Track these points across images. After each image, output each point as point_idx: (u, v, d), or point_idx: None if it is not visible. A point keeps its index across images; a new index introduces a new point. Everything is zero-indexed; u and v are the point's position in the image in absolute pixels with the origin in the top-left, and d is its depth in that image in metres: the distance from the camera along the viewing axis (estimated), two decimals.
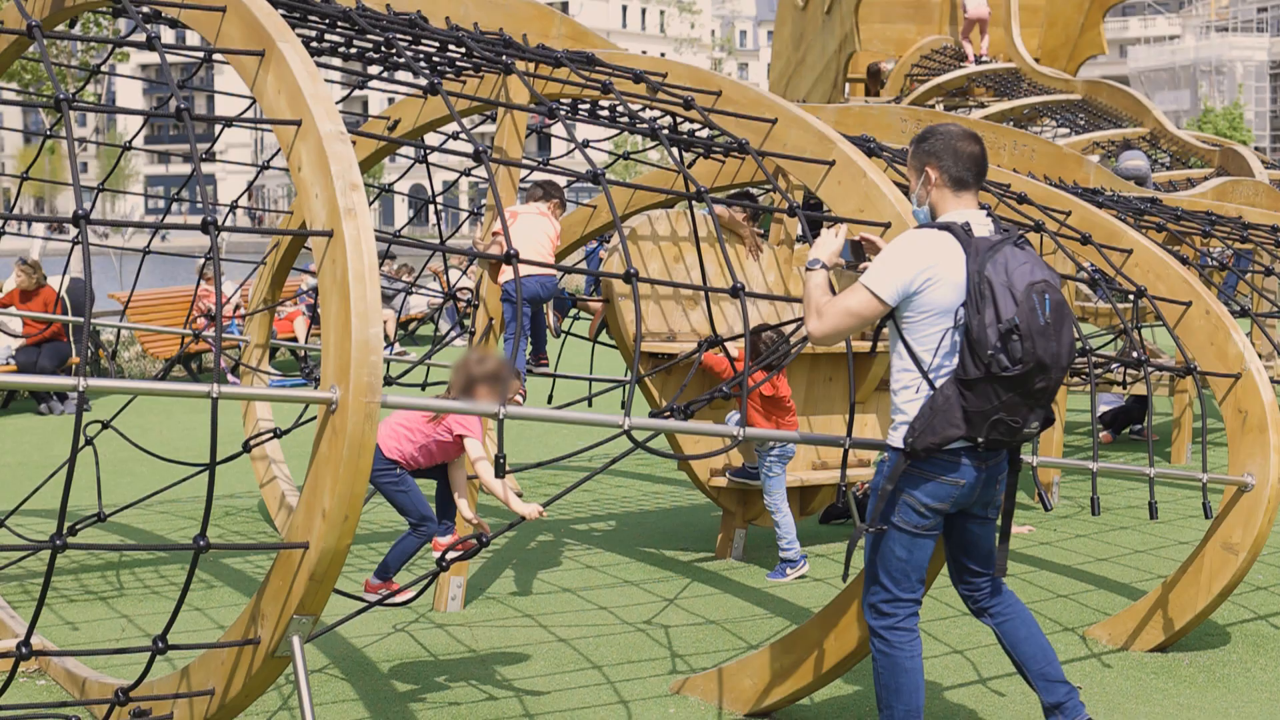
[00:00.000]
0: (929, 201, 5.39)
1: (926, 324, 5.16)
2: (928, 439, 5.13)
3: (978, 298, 5.03)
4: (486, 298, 8.07)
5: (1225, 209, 12.13)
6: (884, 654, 5.40)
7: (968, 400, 5.08)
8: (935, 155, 5.34)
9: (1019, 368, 5.00)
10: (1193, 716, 6.46)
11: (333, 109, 4.96)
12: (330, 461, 4.67)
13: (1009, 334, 4.99)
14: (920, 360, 5.19)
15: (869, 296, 5.16)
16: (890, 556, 5.34)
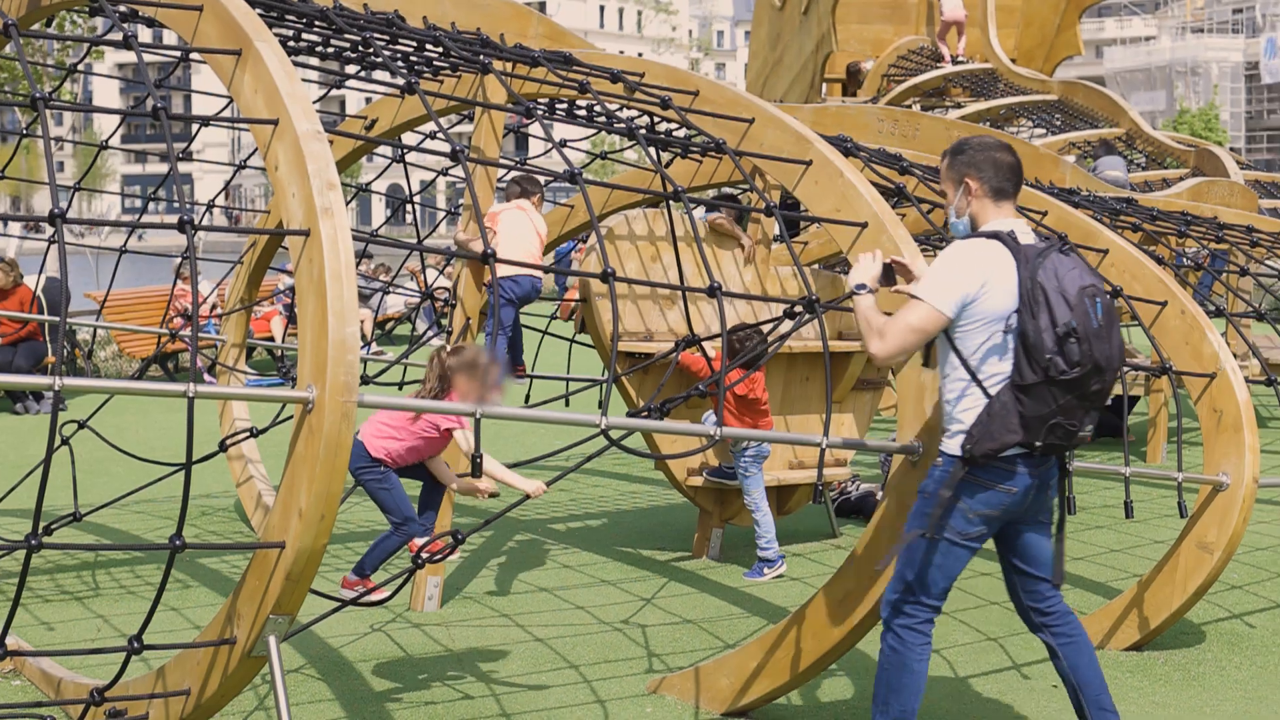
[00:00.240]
0: (969, 212, 5.41)
1: (978, 331, 5.19)
2: (986, 445, 5.15)
3: (1032, 303, 5.08)
4: (464, 297, 8.07)
5: (1200, 209, 12.19)
6: (895, 651, 5.41)
7: (1025, 405, 5.11)
8: (975, 166, 5.37)
9: (1076, 370, 5.06)
10: (1168, 715, 6.49)
11: (309, 108, 4.96)
12: (307, 461, 4.66)
13: (1066, 337, 5.04)
14: (973, 367, 5.21)
15: (930, 310, 5.17)
16: (926, 560, 5.35)
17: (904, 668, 5.40)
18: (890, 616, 5.44)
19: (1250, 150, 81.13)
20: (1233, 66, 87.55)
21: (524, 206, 8.36)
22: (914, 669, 5.41)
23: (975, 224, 5.41)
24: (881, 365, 5.42)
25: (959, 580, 8.83)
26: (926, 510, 5.33)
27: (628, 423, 5.92)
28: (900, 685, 5.40)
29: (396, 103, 8.91)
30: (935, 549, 5.33)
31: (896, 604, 5.43)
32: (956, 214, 5.46)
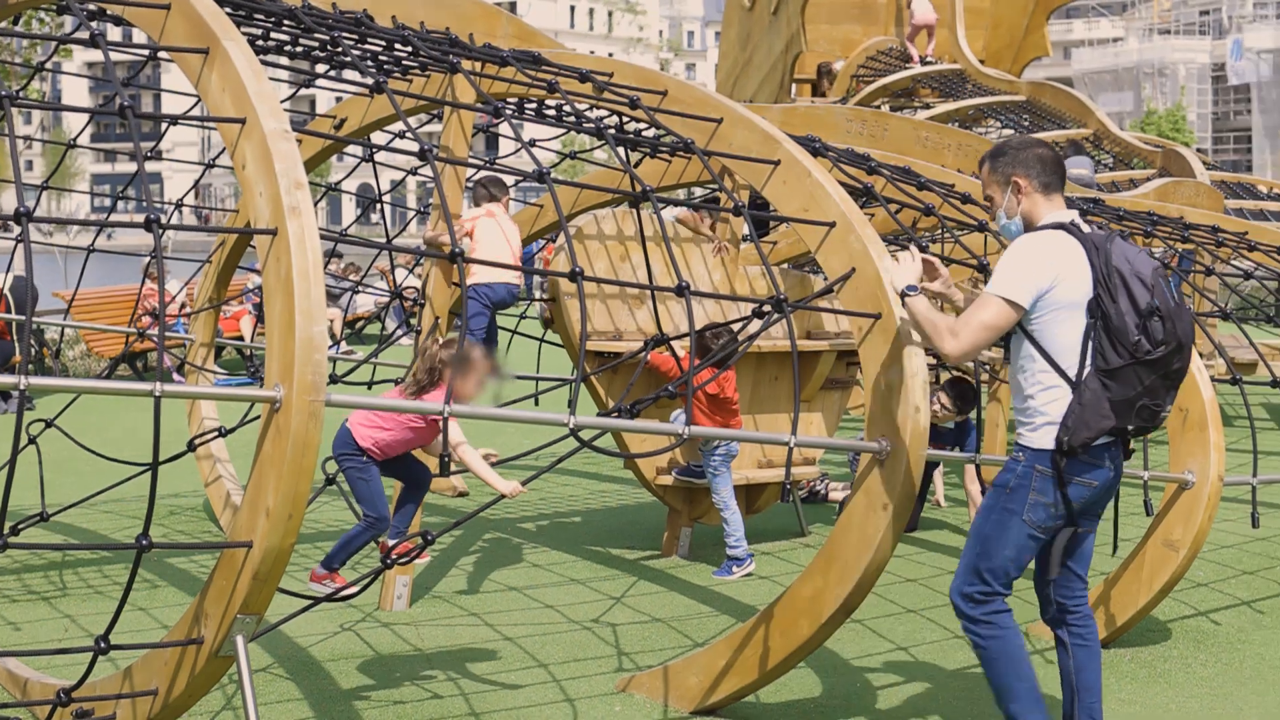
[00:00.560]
0: (1020, 211, 5.44)
1: (1055, 322, 5.22)
2: (1082, 434, 5.17)
3: (1110, 288, 5.14)
4: (433, 296, 8.07)
5: (1167, 209, 12.23)
6: (991, 638, 5.42)
7: (1112, 390, 5.15)
8: (1021, 164, 5.41)
9: (1162, 349, 5.12)
10: (1134, 712, 6.52)
11: (277, 107, 4.96)
12: (274, 460, 4.66)
13: (1150, 316, 5.11)
14: (1056, 358, 5.23)
15: (1003, 305, 5.20)
16: (1000, 553, 5.37)
17: (1006, 648, 5.41)
18: (969, 608, 5.44)
19: (1216, 151, 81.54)
20: (1199, 68, 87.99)
21: (494, 212, 8.38)
22: (1015, 642, 5.42)
23: (1030, 221, 5.43)
24: (956, 363, 5.39)
25: (926, 579, 8.93)
26: (1007, 505, 5.35)
27: (596, 422, 5.92)
28: (1016, 663, 5.42)
29: (365, 102, 8.91)
30: (1011, 542, 5.35)
31: (971, 595, 5.44)
32: (1007, 215, 5.48)
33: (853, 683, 6.90)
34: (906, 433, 5.84)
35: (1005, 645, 5.41)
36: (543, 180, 6.13)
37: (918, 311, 5.40)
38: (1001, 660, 5.43)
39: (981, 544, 5.42)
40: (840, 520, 6.05)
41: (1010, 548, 5.36)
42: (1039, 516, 5.32)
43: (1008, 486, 5.37)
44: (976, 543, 5.44)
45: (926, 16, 20.45)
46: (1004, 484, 5.39)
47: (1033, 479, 5.30)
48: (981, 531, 5.44)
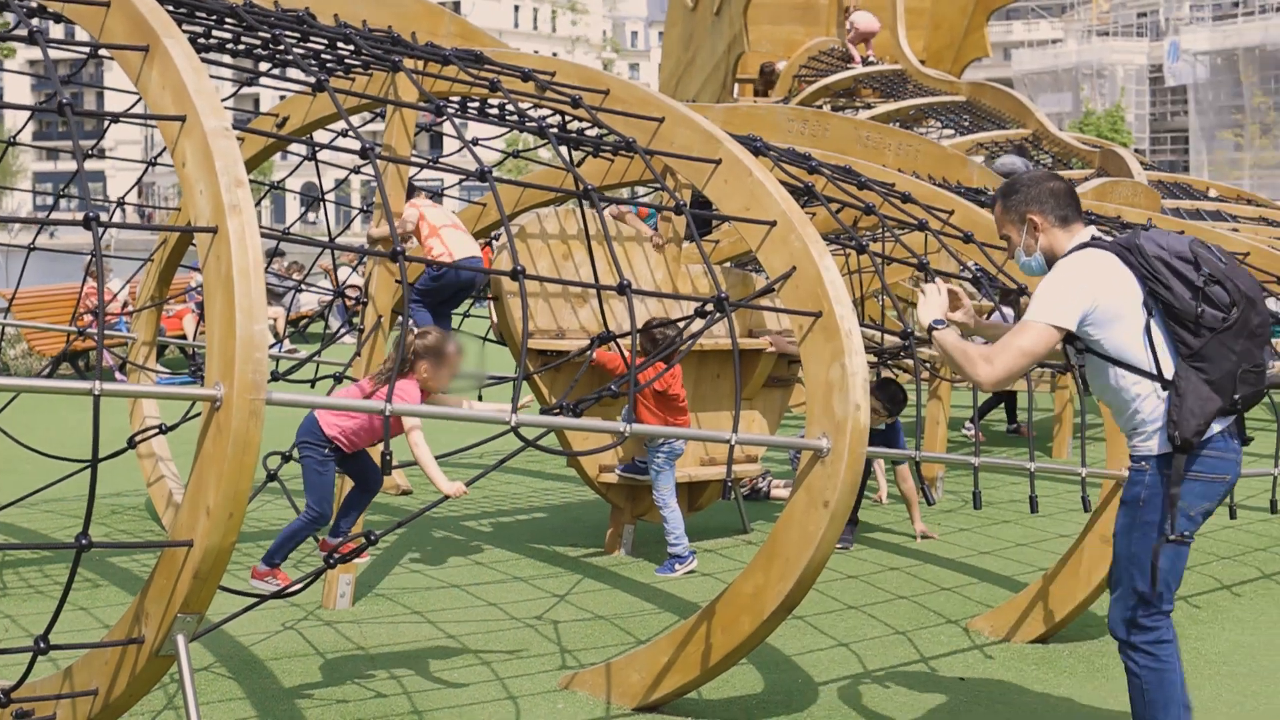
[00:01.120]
0: (1040, 248, 5.39)
1: (1118, 334, 5.15)
2: (1192, 424, 5.06)
3: (1158, 279, 5.08)
4: (375, 294, 8.06)
5: (1105, 209, 12.35)
6: (1151, 670, 5.24)
7: (1207, 370, 5.07)
8: (1035, 201, 5.37)
9: (1234, 311, 5.06)
10: (1073, 706, 6.59)
11: (217, 104, 4.95)
12: (215, 459, 4.65)
13: (1207, 285, 5.05)
14: (1137, 365, 5.15)
15: (1044, 329, 5.12)
16: (1157, 567, 5.18)
17: (1165, 681, 5.24)
18: (1133, 636, 5.26)
19: (1154, 152, 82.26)
20: (1137, 69, 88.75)
21: (418, 203, 8.47)
22: (1174, 679, 5.26)
23: (1052, 255, 5.37)
24: (990, 390, 5.42)
25: (867, 575, 8.99)
26: (1145, 518, 5.20)
27: (538, 420, 5.95)
28: (1168, 699, 5.25)
29: (308, 100, 8.88)
30: (1164, 554, 5.18)
31: (1136, 622, 5.26)
32: (1026, 253, 5.44)
33: (794, 679, 6.94)
34: (847, 430, 5.89)
35: (1161, 679, 5.25)
36: (485, 179, 6.14)
37: (947, 344, 5.30)
38: (1153, 692, 5.26)
39: (1133, 565, 5.24)
40: (781, 517, 6.09)
41: (1163, 558, 5.18)
42: (1182, 525, 5.17)
43: (1139, 500, 5.22)
44: (1127, 565, 5.26)
45: (871, 25, 20.57)
46: (1134, 499, 5.25)
47: (1164, 486, 5.17)
48: (1129, 553, 5.25)
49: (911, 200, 9.01)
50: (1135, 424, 5.23)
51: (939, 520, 10.79)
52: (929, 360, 11.55)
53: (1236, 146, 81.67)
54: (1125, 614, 5.27)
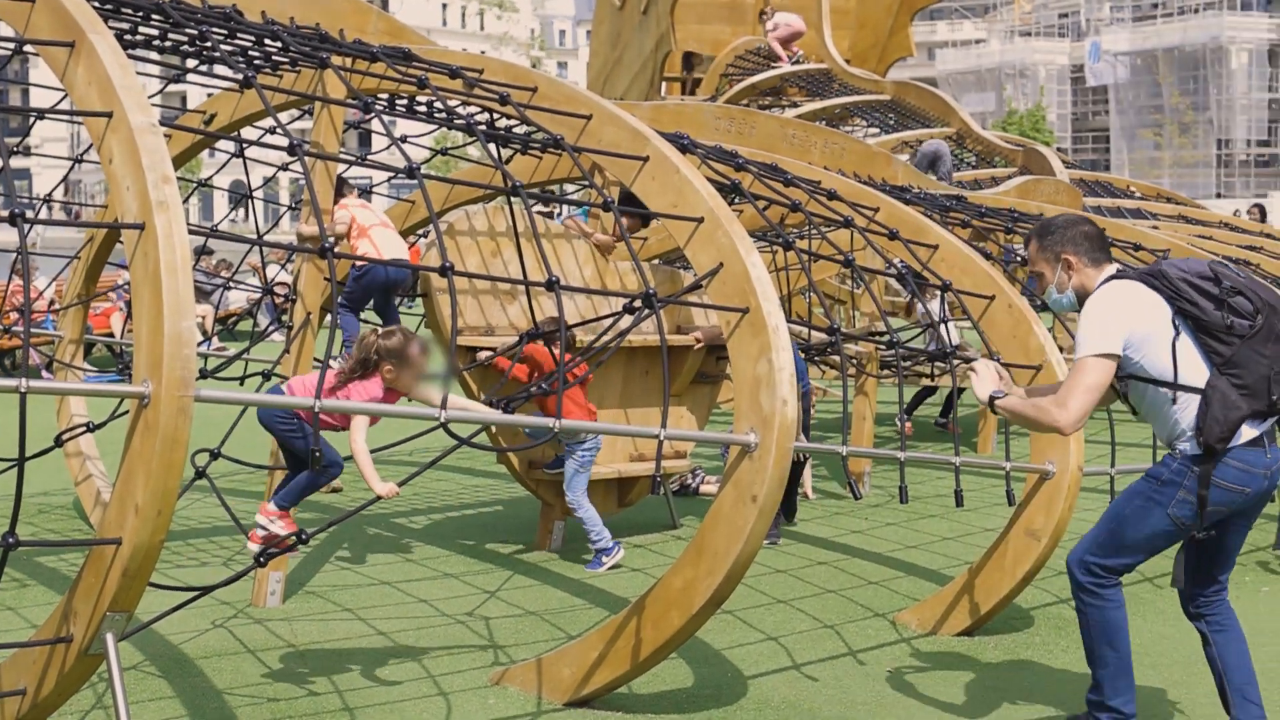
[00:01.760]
0: (1072, 285, 5.78)
1: (1153, 354, 5.51)
2: (1216, 430, 5.40)
3: (1184, 298, 5.47)
4: (304, 292, 8.04)
5: (1028, 206, 12.51)
6: (1095, 607, 5.70)
7: (1240, 376, 5.42)
8: (1071, 242, 5.77)
9: (1259, 318, 5.43)
10: (999, 697, 6.67)
11: (144, 101, 4.93)
12: (143, 456, 4.63)
13: (1229, 296, 5.45)
14: (1170, 379, 5.49)
15: (1100, 362, 5.47)
16: (1133, 535, 5.64)
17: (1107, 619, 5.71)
18: (1085, 577, 5.72)
19: (1076, 151, 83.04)
20: (1059, 69, 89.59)
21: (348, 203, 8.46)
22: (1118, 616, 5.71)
23: (1082, 293, 5.76)
24: (1070, 432, 5.69)
25: (795, 569, 9.06)
26: (1154, 495, 5.57)
27: (466, 416, 5.96)
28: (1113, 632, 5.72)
29: (235, 97, 8.84)
30: (1149, 526, 5.60)
31: (1091, 565, 5.72)
32: (1058, 290, 5.83)
33: (724, 673, 6.99)
34: (774, 425, 5.93)
35: (1106, 616, 5.70)
36: (414, 176, 6.15)
37: (1016, 407, 5.69)
38: (1099, 628, 5.71)
39: (1118, 523, 5.67)
40: (710, 512, 6.13)
41: (1144, 534, 5.61)
42: (1183, 513, 5.53)
43: (1160, 479, 5.58)
44: (1112, 521, 5.70)
45: (796, 26, 20.68)
46: (1157, 475, 5.60)
47: (1186, 477, 5.50)
48: (1121, 512, 5.68)
49: (837, 197, 9.09)
50: (1176, 433, 5.57)
51: (866, 515, 10.89)
52: (855, 356, 11.66)
53: (1156, 146, 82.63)
54: (1087, 556, 5.73)
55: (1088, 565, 5.72)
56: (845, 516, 10.89)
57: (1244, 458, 5.48)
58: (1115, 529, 5.68)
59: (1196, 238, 14.09)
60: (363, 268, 8.24)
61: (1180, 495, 5.53)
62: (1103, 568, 5.70)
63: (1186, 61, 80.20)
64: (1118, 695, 5.75)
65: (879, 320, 11.78)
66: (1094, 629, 5.74)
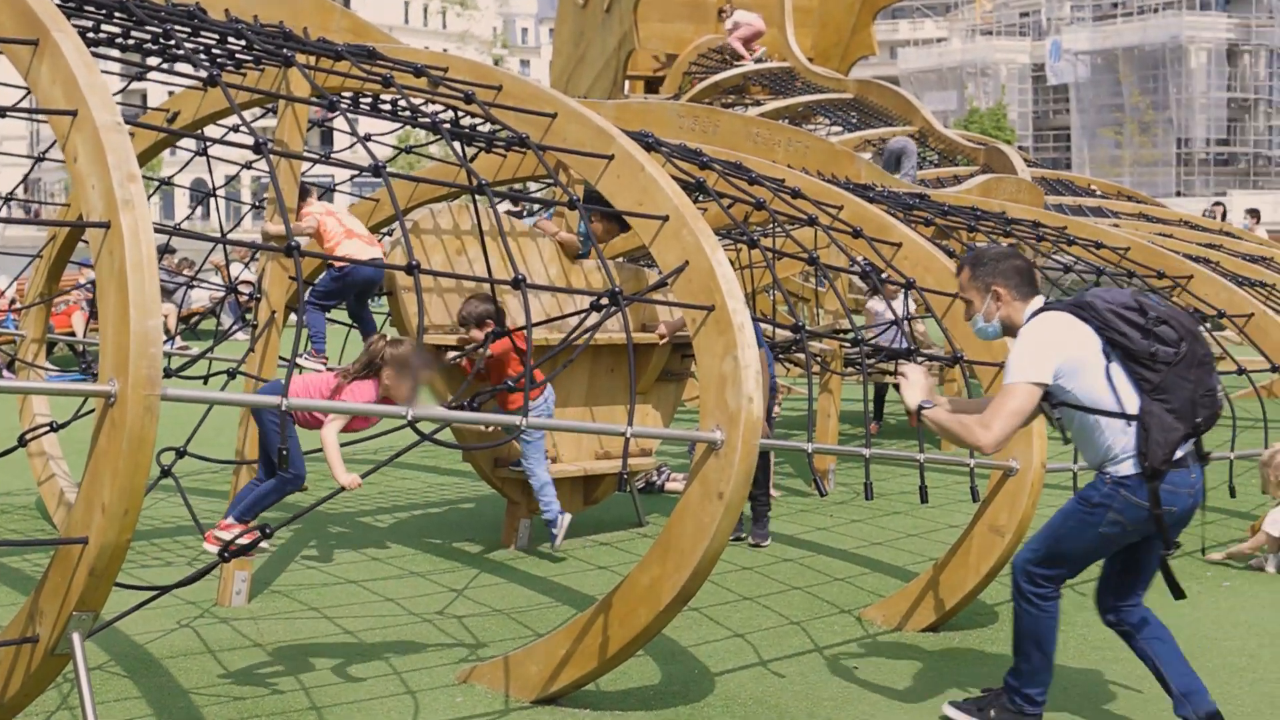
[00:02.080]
0: (999, 316, 6.08)
1: (1085, 382, 5.78)
2: (1160, 453, 5.70)
3: (1112, 328, 5.76)
4: (269, 290, 8.02)
5: (990, 204, 12.57)
6: (1030, 614, 5.99)
7: (1170, 400, 5.72)
8: (1002, 275, 6.06)
9: (1183, 345, 5.75)
10: (964, 692, 6.69)
11: (109, 99, 4.92)
12: (109, 455, 4.62)
13: (1156, 324, 5.76)
14: (1105, 407, 5.77)
15: (1027, 388, 5.76)
16: (1070, 550, 5.94)
17: (1040, 625, 6.00)
18: (1027, 584, 5.99)
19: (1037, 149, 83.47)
20: (1020, 68, 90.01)
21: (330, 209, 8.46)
22: (1049, 625, 6.00)
23: (1010, 324, 6.07)
24: (992, 453, 5.98)
25: (761, 566, 9.08)
26: (1087, 516, 5.86)
27: (434, 414, 5.96)
28: (1040, 638, 6.01)
29: (199, 96, 8.81)
30: (1084, 542, 5.90)
31: (1034, 574, 5.98)
32: (985, 319, 6.12)
33: (690, 669, 7.01)
34: (741, 422, 5.96)
35: (1040, 623, 5.97)
36: (379, 174, 6.15)
37: (942, 420, 5.94)
38: (1031, 631, 5.99)
39: (1055, 540, 5.97)
40: (676, 509, 6.14)
41: (1080, 549, 5.93)
42: (1113, 532, 5.84)
43: (1091, 501, 5.86)
44: (1050, 537, 5.98)
45: (756, 25, 20.72)
46: (1087, 498, 5.88)
47: (1115, 499, 5.79)
48: (1058, 530, 5.97)
49: (801, 196, 9.12)
50: (1108, 457, 5.83)
51: (831, 512, 10.93)
52: (819, 354, 11.69)
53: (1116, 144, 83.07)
54: (1030, 566, 6.00)
55: (1031, 574, 5.99)
56: (810, 514, 10.93)
57: (1171, 478, 5.76)
58: (1053, 544, 5.97)
59: (1157, 235, 14.19)
60: (343, 268, 8.23)
61: (1111, 516, 5.82)
62: (1044, 577, 5.97)
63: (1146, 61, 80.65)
64: (1034, 685, 6.05)
65: (843, 318, 11.82)
66: (1025, 630, 6.02)
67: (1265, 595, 8.57)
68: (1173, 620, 7.89)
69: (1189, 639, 7.55)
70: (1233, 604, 8.38)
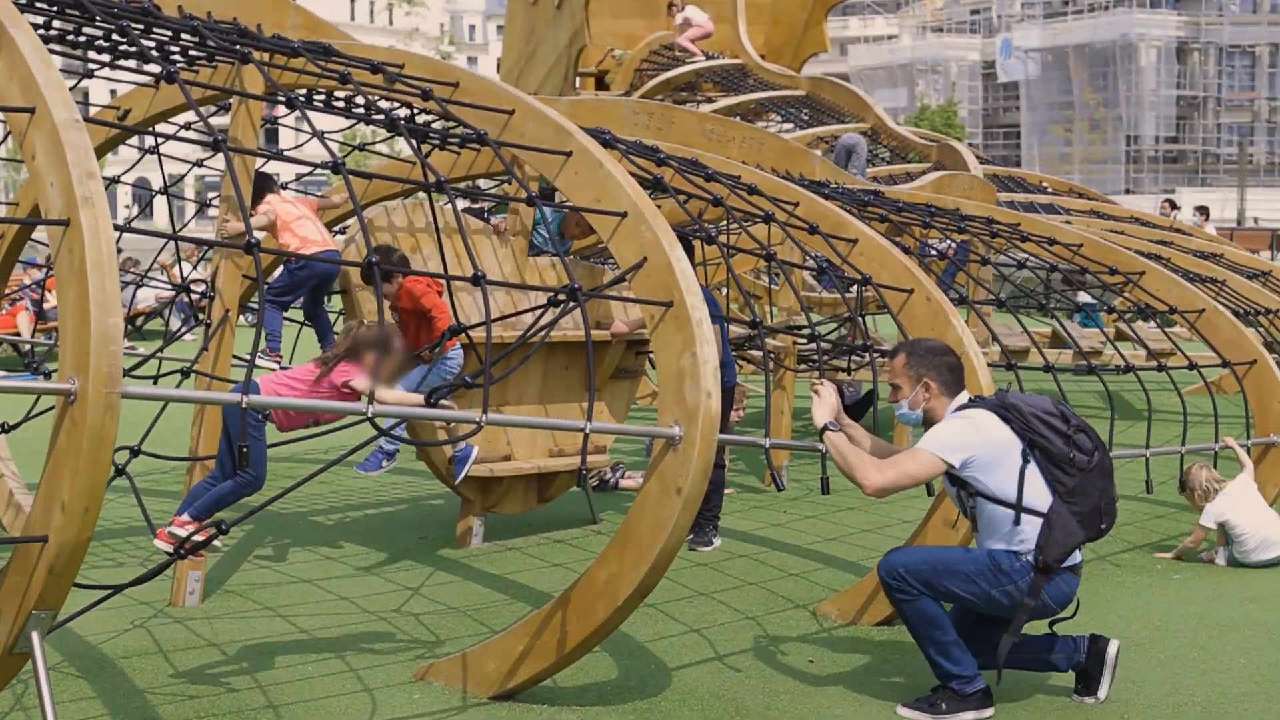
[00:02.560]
0: (924, 406, 6.43)
1: (998, 476, 6.15)
2: (1055, 552, 6.09)
3: (1033, 431, 6.14)
4: (222, 288, 7.98)
5: (943, 201, 12.63)
6: (908, 603, 6.23)
7: (1077, 504, 6.12)
8: (934, 369, 6.43)
9: (1097, 454, 6.17)
10: (919, 684, 6.73)
11: (67, 96, 4.89)
12: (69, 454, 4.60)
13: (1077, 433, 6.17)
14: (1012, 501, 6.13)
15: (933, 461, 6.15)
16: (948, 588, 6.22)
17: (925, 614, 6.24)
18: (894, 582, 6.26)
19: (987, 146, 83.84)
20: (970, 65, 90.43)
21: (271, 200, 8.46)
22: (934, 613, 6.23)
23: (932, 416, 6.44)
24: (873, 495, 6.29)
25: (717, 563, 9.11)
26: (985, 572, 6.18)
27: (392, 410, 5.96)
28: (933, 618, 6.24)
29: (150, 93, 8.76)
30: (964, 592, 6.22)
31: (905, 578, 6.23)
32: (910, 406, 6.46)
33: (647, 665, 7.03)
34: (699, 418, 5.98)
35: (921, 606, 6.21)
36: (338, 171, 6.13)
37: (839, 447, 6.26)
38: (920, 617, 6.22)
39: (947, 571, 6.22)
40: (634, 504, 6.16)
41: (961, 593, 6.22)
42: (1002, 599, 6.19)
43: (1000, 566, 6.19)
44: (943, 566, 6.24)
45: (707, 26, 20.75)
46: (998, 561, 6.20)
47: (1022, 578, 6.15)
48: (955, 565, 6.24)
49: (758, 192, 9.15)
50: (1017, 543, 6.19)
51: (785, 508, 10.97)
52: (775, 352, 11.73)
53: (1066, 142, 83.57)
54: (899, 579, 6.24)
55: (901, 576, 6.24)
56: (764, 510, 10.97)
57: (1070, 582, 6.25)
58: (941, 574, 6.22)
59: (1109, 232, 14.29)
60: (300, 262, 8.21)
61: (1009, 588, 6.17)
62: (913, 586, 6.22)
63: (1096, 58, 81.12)
64: (956, 664, 6.24)
65: (799, 314, 11.87)
66: (915, 620, 6.25)
67: (1215, 588, 8.66)
68: (1124, 612, 7.99)
69: (1140, 631, 7.64)
70: (1183, 596, 8.47)
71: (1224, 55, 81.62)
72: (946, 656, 6.24)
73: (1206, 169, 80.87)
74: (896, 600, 6.28)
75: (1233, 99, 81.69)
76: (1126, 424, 10.56)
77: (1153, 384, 10.09)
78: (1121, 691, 6.58)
